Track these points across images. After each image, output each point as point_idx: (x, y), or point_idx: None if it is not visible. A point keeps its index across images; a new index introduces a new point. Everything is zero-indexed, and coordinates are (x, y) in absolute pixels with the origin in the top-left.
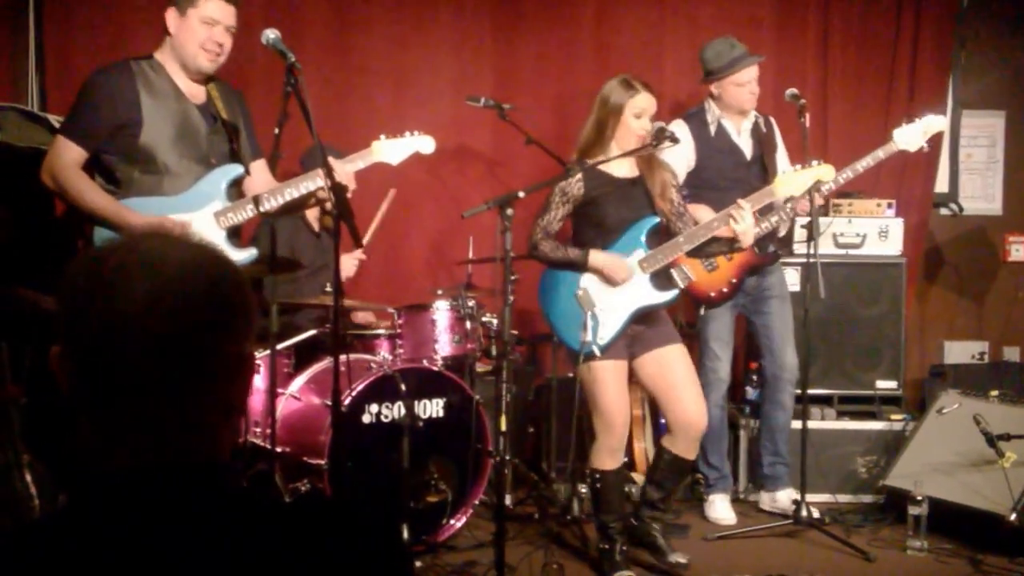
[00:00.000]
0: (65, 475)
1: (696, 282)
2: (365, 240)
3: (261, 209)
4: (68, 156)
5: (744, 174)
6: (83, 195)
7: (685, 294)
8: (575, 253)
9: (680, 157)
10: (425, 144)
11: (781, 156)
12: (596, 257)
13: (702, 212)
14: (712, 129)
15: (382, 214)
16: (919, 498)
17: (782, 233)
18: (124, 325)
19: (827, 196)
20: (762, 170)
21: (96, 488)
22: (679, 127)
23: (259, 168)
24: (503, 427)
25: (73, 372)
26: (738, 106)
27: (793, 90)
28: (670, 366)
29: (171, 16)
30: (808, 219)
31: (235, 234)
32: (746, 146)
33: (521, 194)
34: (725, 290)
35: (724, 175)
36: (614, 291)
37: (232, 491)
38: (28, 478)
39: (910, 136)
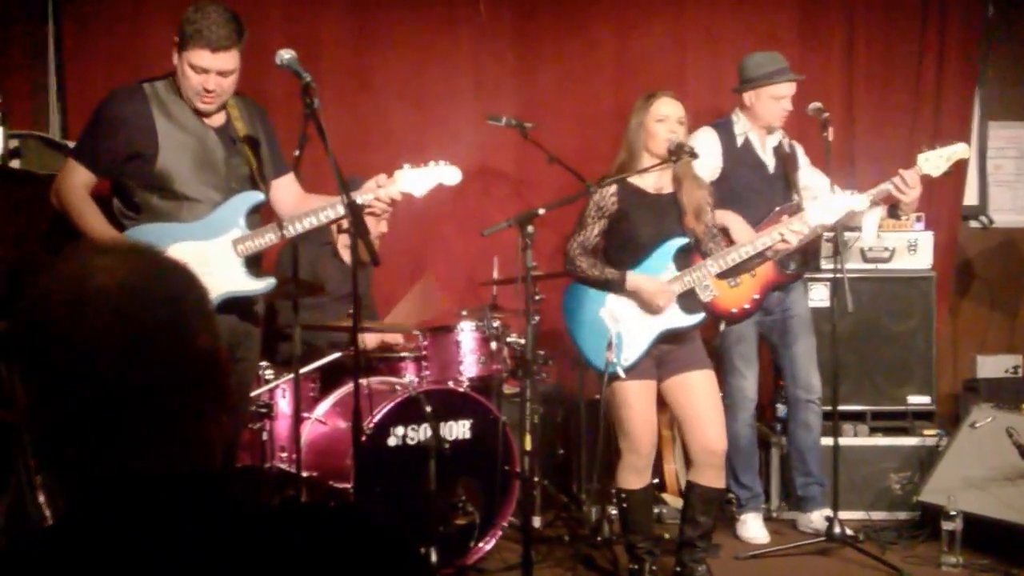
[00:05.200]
0: (72, 492)
1: (718, 298)
2: (396, 321)
3: (284, 236)
4: (76, 179)
5: (767, 188)
6: (83, 220)
7: (706, 310)
8: (612, 274)
9: (708, 164)
10: (451, 175)
11: (805, 176)
12: (634, 280)
13: (733, 221)
14: (739, 141)
15: (416, 299)
16: (953, 513)
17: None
18: (75, 353)
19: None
20: (785, 185)
21: (89, 500)
22: (707, 134)
23: (287, 183)
24: (528, 446)
25: (46, 414)
26: (767, 120)
27: (816, 104)
28: (694, 392)
29: (173, 48)
30: (833, 234)
31: (254, 262)
32: (770, 161)
33: (542, 211)
34: (747, 307)
35: (748, 187)
36: (640, 311)
37: (223, 499)
38: (41, 499)
39: (934, 162)
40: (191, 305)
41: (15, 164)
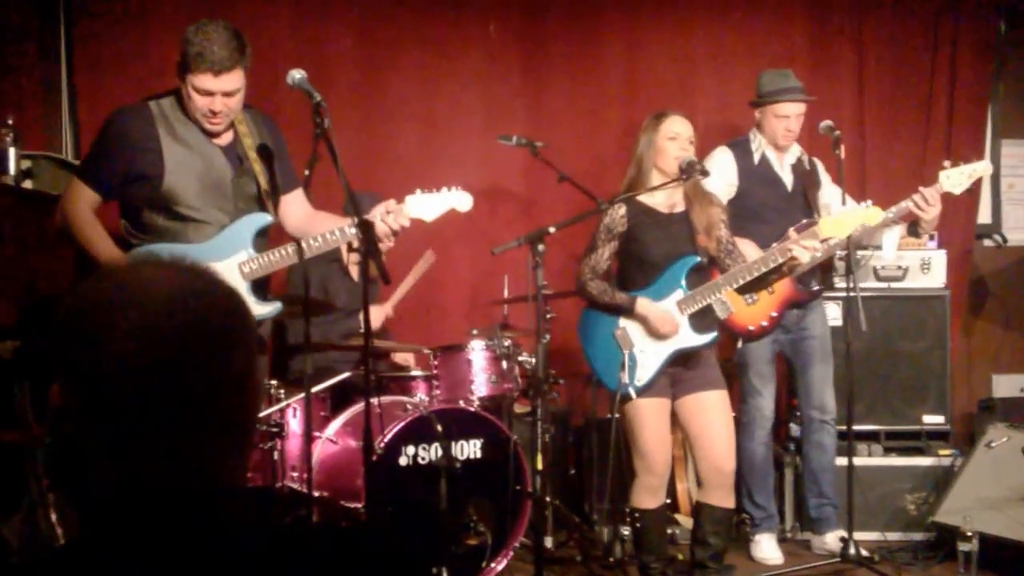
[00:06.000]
0: (84, 509)
1: (735, 315)
2: (396, 298)
3: (292, 258)
4: (81, 199)
5: (786, 206)
6: (89, 242)
7: (723, 327)
8: (622, 299)
9: (723, 183)
10: (462, 201)
11: (827, 195)
12: (643, 306)
13: (747, 248)
14: (756, 158)
15: (417, 276)
16: (969, 534)
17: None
18: (116, 359)
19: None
20: (804, 203)
21: (103, 517)
22: (722, 153)
23: (296, 199)
24: (539, 466)
25: (73, 407)
26: (772, 138)
27: (827, 122)
28: (706, 412)
29: (177, 69)
30: (846, 252)
31: (261, 285)
32: (788, 179)
33: (552, 229)
34: (765, 324)
35: (766, 205)
36: (652, 332)
37: (238, 519)
38: (53, 518)
39: (956, 179)
40: (232, 325)
41: (28, 184)
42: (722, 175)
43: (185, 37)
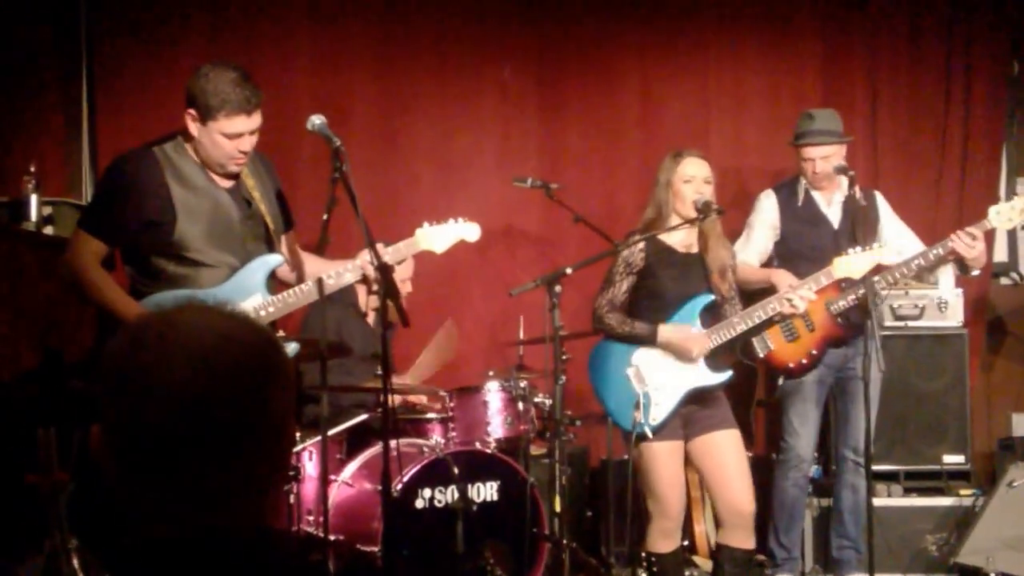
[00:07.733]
0: (110, 555)
1: (775, 351)
2: (416, 370)
3: (307, 300)
4: (87, 252)
5: (832, 245)
6: (103, 297)
7: (764, 364)
8: (642, 329)
9: (765, 227)
10: (470, 231)
11: (890, 228)
12: (666, 332)
13: (784, 277)
14: (800, 199)
15: (438, 349)
16: (992, 575)
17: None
18: (163, 400)
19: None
20: (851, 242)
21: (137, 559)
22: (767, 198)
23: (290, 240)
24: (557, 508)
25: (114, 448)
26: (806, 179)
27: (842, 163)
28: (720, 452)
29: (191, 120)
30: (863, 291)
31: (271, 328)
32: (835, 217)
33: (569, 270)
34: (805, 361)
35: (811, 245)
36: (666, 371)
37: (270, 557)
38: (75, 564)
39: (1007, 214)
40: (272, 370)
41: (49, 230)
42: (764, 220)
43: (198, 87)
